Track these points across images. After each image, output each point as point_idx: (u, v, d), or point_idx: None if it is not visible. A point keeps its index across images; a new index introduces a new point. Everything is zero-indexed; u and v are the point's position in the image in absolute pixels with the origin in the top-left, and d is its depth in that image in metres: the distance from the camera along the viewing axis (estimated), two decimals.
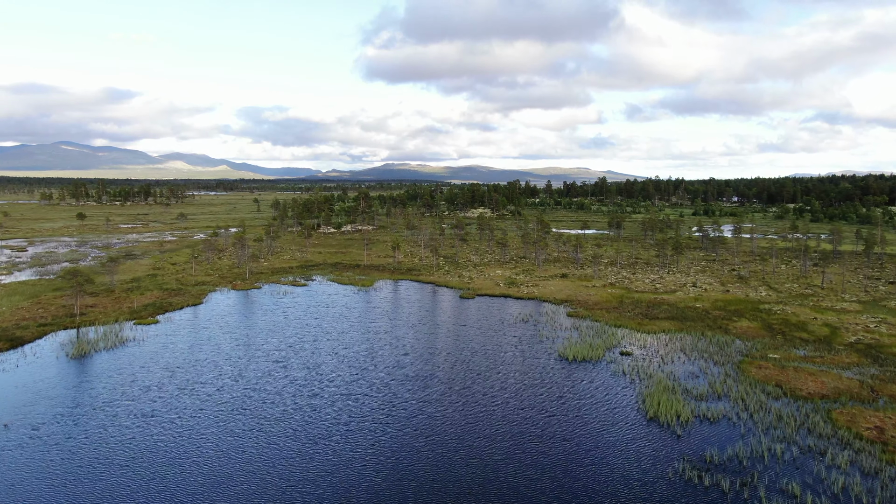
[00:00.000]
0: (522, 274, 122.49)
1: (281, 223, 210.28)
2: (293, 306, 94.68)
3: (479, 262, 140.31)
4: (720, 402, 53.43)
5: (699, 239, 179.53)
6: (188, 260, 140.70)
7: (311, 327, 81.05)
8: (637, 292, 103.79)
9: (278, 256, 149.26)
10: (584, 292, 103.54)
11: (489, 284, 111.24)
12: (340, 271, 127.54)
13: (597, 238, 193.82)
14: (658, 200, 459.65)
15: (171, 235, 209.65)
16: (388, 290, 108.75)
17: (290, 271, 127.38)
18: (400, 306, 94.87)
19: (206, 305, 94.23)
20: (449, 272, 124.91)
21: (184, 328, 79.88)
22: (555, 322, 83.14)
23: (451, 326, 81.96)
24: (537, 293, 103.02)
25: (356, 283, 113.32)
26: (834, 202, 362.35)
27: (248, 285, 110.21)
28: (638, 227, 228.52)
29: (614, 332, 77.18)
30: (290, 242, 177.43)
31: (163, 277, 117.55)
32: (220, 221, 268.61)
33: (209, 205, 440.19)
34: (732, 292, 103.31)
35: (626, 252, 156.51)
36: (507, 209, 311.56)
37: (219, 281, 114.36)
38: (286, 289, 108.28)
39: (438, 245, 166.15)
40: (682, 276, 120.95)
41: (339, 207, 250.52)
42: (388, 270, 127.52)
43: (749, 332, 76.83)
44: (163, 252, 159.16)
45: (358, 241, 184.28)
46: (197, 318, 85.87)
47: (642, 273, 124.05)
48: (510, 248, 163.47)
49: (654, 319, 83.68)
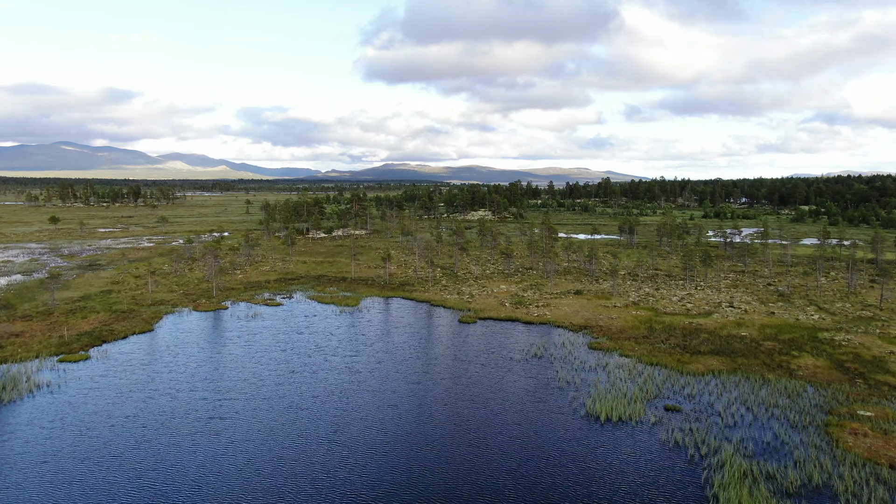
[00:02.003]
0: (530, 290, 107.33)
1: (267, 228, 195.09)
2: (261, 332, 79.53)
3: (481, 274, 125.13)
4: (823, 499, 38.26)
5: (721, 246, 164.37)
6: (152, 272, 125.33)
7: (277, 364, 65.89)
8: (666, 314, 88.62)
9: (257, 267, 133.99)
10: (604, 314, 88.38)
11: (493, 304, 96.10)
12: (324, 286, 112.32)
13: (608, 245, 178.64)
14: (664, 202, 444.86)
15: (147, 241, 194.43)
16: (375, 310, 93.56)
17: (267, 286, 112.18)
18: (388, 334, 79.70)
19: (155, 333, 78.96)
20: (447, 287, 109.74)
21: (117, 367, 64.67)
22: (574, 358, 67.97)
23: (447, 363, 66.80)
24: (549, 316, 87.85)
25: (339, 301, 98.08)
26: (849, 204, 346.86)
27: (213, 305, 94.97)
28: (650, 231, 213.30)
29: (651, 373, 62.00)
30: (273, 250, 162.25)
31: (118, 294, 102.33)
32: (206, 225, 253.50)
33: (200, 206, 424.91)
34: (778, 315, 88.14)
35: (643, 260, 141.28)
36: (509, 211, 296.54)
37: (181, 299, 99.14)
38: (257, 309, 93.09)
39: (435, 254, 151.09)
40: (712, 292, 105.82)
41: (331, 210, 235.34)
42: (377, 285, 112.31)
43: (818, 374, 61.69)
44: (129, 261, 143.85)
45: (348, 249, 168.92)
46: (138, 351, 70.67)
47: (666, 288, 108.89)
48: (515, 256, 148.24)
49: (697, 354, 68.51)
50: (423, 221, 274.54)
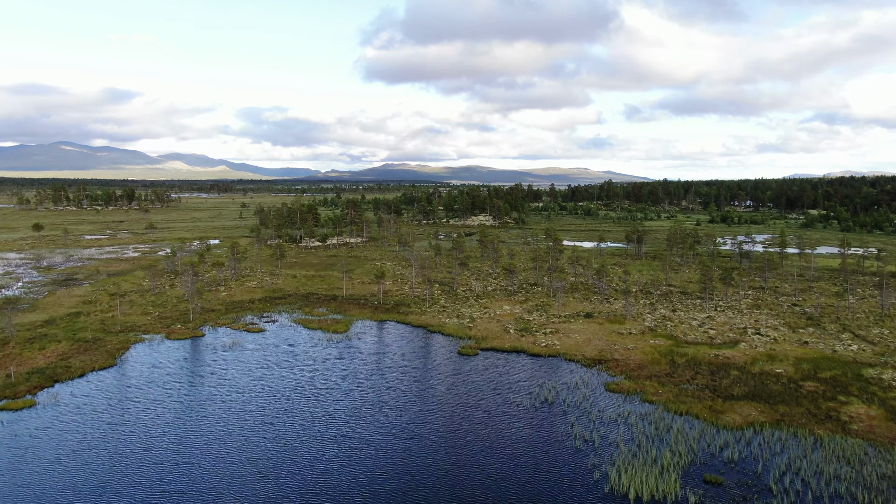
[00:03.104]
0: (536, 311, 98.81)
1: (258, 237, 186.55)
2: (237, 367, 71.08)
3: (483, 291, 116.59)
4: None
5: (735, 257, 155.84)
6: (131, 290, 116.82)
7: (250, 413, 57.38)
8: (688, 344, 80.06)
9: (243, 283, 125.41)
10: (619, 344, 79.84)
11: (495, 330, 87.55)
12: (312, 306, 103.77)
13: (615, 254, 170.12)
14: (668, 205, 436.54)
15: (133, 250, 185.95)
16: (367, 338, 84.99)
17: (251, 306, 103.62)
18: (379, 369, 71.18)
19: (117, 370, 70.41)
20: (445, 308, 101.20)
21: (63, 418, 56.15)
22: (591, 404, 59.43)
23: (444, 411, 58.29)
24: (559, 345, 79.30)
25: (328, 327, 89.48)
26: (858, 208, 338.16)
27: (188, 332, 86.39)
28: (658, 239, 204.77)
29: (681, 427, 53.45)
30: (262, 261, 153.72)
31: (86, 318, 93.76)
32: (197, 232, 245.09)
33: (194, 209, 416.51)
34: (812, 345, 79.59)
35: (654, 274, 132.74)
36: (511, 216, 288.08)
37: (154, 324, 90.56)
38: (237, 337, 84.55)
39: (434, 267, 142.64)
40: (734, 314, 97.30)
41: (326, 217, 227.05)
42: (370, 306, 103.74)
43: (876, 429, 53.15)
44: (108, 275, 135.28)
45: (342, 259, 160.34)
46: (93, 394, 62.15)
47: (684, 309, 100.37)
48: (518, 269, 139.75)
49: (730, 400, 59.97)
50: (421, 227, 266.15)
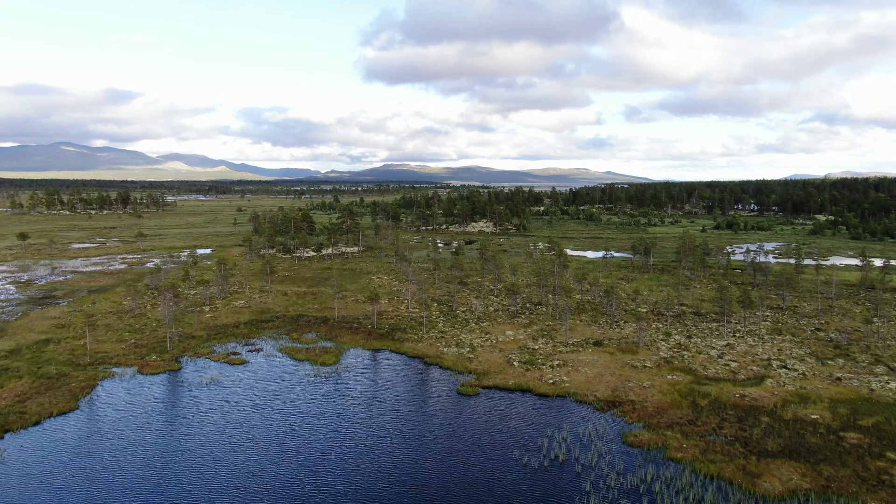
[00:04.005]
0: (542, 338, 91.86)
1: (249, 247, 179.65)
2: (212, 410, 64.19)
3: (484, 312, 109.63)
4: None
5: (748, 270, 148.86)
6: (109, 310, 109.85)
7: (218, 477, 50.38)
8: (709, 380, 73.11)
9: (230, 301, 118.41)
10: (633, 380, 72.89)
11: (498, 361, 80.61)
12: (301, 330, 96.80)
13: (621, 266, 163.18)
14: (671, 209, 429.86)
15: (121, 262, 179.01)
16: (358, 372, 78.00)
17: (236, 331, 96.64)
18: (369, 414, 64.24)
19: (79, 414, 63.47)
20: (444, 334, 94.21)
21: (6, 482, 49.18)
22: (607, 464, 52.44)
23: (441, 471, 51.30)
24: (568, 383, 72.34)
25: (316, 358, 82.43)
26: (866, 213, 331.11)
27: (164, 364, 79.43)
28: (665, 247, 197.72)
29: (713, 499, 46.49)
30: (253, 275, 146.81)
31: (56, 347, 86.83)
32: (189, 239, 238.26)
33: (189, 214, 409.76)
34: (845, 382, 72.60)
35: (665, 291, 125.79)
36: (512, 223, 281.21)
37: (128, 354, 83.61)
38: (216, 371, 77.60)
39: (433, 282, 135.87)
40: (754, 340, 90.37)
41: (322, 226, 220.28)
42: (363, 331, 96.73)
43: None
44: (89, 292, 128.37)
45: (337, 272, 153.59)
46: (46, 448, 55.14)
47: (700, 335, 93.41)
48: (520, 284, 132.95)
49: (765, 457, 52.98)
50: (420, 233, 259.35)
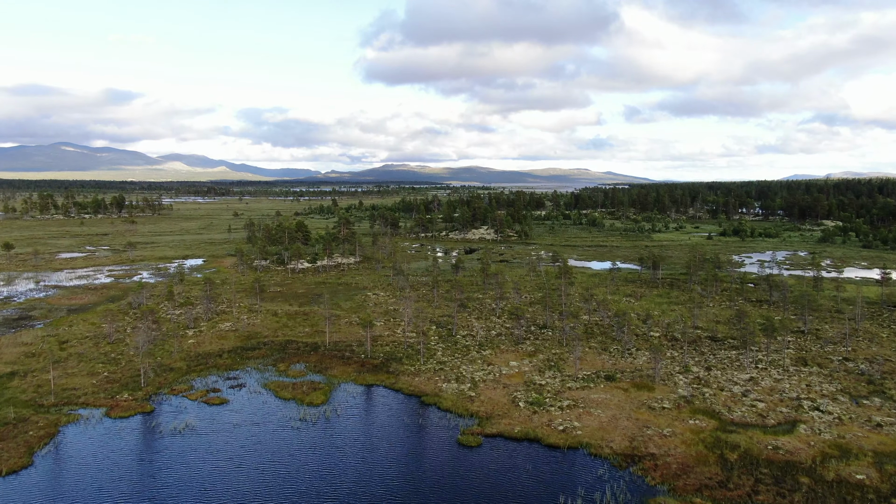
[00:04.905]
0: (549, 370, 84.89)
1: (241, 259, 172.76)
2: (183, 465, 57.29)
3: (486, 336, 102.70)
4: None
5: (763, 286, 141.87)
6: (86, 335, 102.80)
7: None
8: (736, 426, 66.10)
9: (216, 324, 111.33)
10: (652, 426, 65.94)
11: (502, 400, 73.66)
12: (288, 361, 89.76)
13: (628, 280, 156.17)
14: (675, 213, 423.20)
15: (107, 274, 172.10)
16: (348, 415, 71.00)
17: (218, 361, 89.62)
18: (359, 471, 57.27)
19: (30, 473, 56.42)
20: (443, 365, 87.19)
21: None
22: None
23: None
24: (580, 429, 65.35)
25: (302, 397, 75.41)
26: (875, 219, 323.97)
27: (135, 405, 72.44)
28: (672, 256, 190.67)
29: None
30: (242, 291, 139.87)
31: (21, 382, 79.80)
32: (182, 248, 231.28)
33: (185, 219, 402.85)
34: (886, 427, 65.53)
35: (677, 310, 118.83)
36: (513, 229, 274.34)
37: (98, 392, 76.62)
38: (193, 412, 70.67)
39: (432, 299, 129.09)
40: (779, 374, 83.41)
41: (317, 235, 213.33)
42: (356, 361, 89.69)
43: None
44: (69, 312, 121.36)
45: (331, 287, 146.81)
46: None
47: (719, 366, 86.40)
48: (523, 302, 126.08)
49: None
50: (419, 240, 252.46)
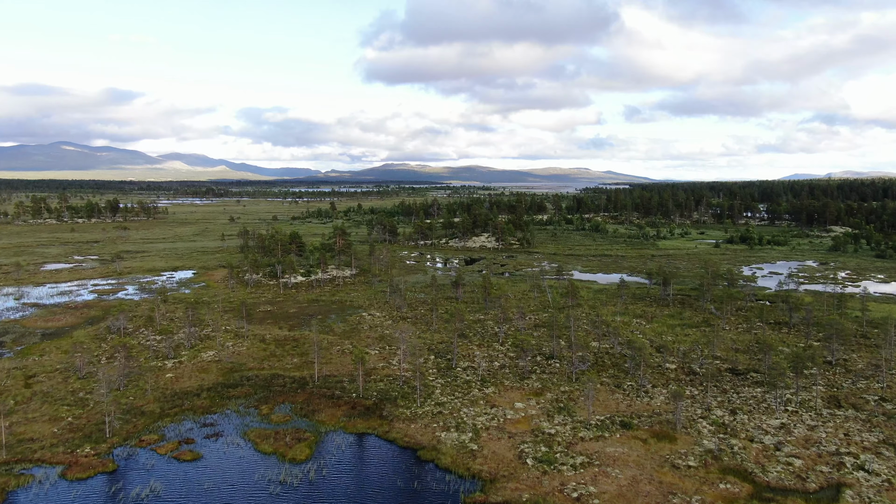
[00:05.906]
0: (558, 413, 77.17)
1: (231, 273, 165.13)
2: None
3: (488, 369, 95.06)
4: None
5: (781, 306, 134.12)
6: (56, 367, 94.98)
7: None
8: (772, 494, 58.36)
9: (198, 353, 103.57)
10: (677, 490, 58.20)
11: (507, 456, 65.95)
12: (273, 402, 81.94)
13: (637, 296, 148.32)
14: (679, 217, 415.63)
15: (92, 289, 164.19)
16: (334, 476, 63.26)
17: (196, 401, 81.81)
18: None
19: None
20: (441, 408, 79.35)
21: None
22: None
23: None
24: (596, 497, 57.57)
25: (285, 451, 67.64)
26: (886, 226, 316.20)
27: (97, 462, 64.70)
28: (680, 268, 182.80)
29: None
30: (230, 311, 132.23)
31: None
32: (174, 257, 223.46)
33: (180, 223, 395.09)
34: None
35: (691, 334, 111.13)
36: (515, 236, 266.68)
37: (59, 442, 68.86)
38: (159, 472, 62.93)
39: (430, 321, 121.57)
40: (812, 418, 75.66)
41: (312, 246, 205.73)
42: (346, 402, 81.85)
43: None
44: (43, 336, 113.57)
45: (325, 305, 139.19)
46: None
47: (745, 408, 78.67)
48: (529, 340, 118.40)
49: None
50: (419, 248, 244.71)
